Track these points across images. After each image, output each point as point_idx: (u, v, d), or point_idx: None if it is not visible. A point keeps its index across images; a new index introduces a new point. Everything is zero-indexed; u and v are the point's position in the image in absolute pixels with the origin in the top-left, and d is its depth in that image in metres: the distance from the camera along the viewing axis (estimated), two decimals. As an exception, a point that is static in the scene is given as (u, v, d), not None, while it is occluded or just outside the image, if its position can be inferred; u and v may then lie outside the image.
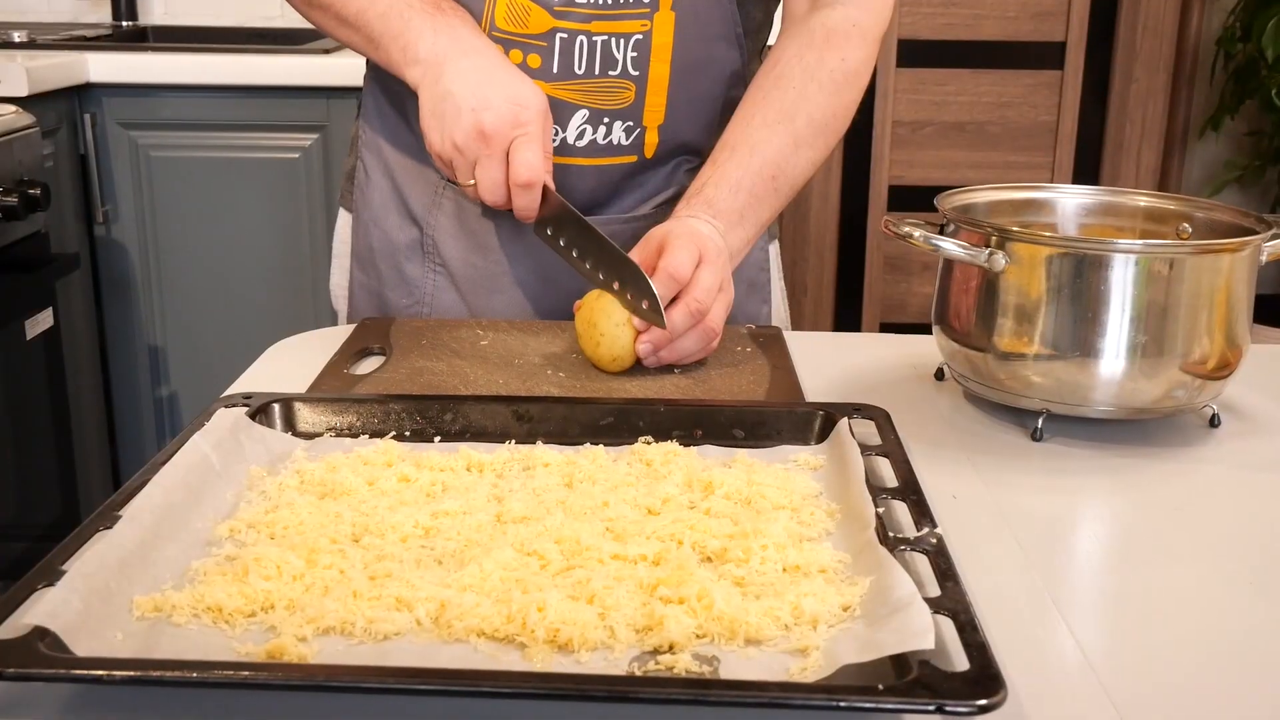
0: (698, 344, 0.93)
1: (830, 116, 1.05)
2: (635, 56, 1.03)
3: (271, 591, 0.59)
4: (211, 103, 2.14)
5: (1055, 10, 2.86)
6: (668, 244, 0.94)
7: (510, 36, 1.02)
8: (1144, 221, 0.96)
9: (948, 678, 0.50)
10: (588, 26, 1.02)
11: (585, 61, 1.02)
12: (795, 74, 1.03)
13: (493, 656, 0.55)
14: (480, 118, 0.93)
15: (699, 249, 0.93)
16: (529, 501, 0.70)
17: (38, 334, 1.94)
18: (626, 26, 1.02)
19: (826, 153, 1.06)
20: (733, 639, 0.56)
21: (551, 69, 1.03)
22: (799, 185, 1.05)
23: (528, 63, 1.03)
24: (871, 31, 1.07)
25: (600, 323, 0.92)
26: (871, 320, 3.03)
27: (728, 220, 0.99)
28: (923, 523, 0.65)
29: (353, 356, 0.96)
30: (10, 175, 1.82)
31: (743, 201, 1.00)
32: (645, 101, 1.05)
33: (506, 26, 1.02)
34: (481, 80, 0.95)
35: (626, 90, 1.04)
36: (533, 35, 1.02)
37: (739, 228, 1.00)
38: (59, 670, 0.51)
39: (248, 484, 0.72)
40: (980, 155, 2.95)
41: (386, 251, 1.14)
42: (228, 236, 2.20)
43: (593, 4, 1.01)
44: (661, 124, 1.06)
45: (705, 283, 0.91)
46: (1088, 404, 0.84)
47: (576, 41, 1.02)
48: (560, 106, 1.03)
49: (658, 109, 1.06)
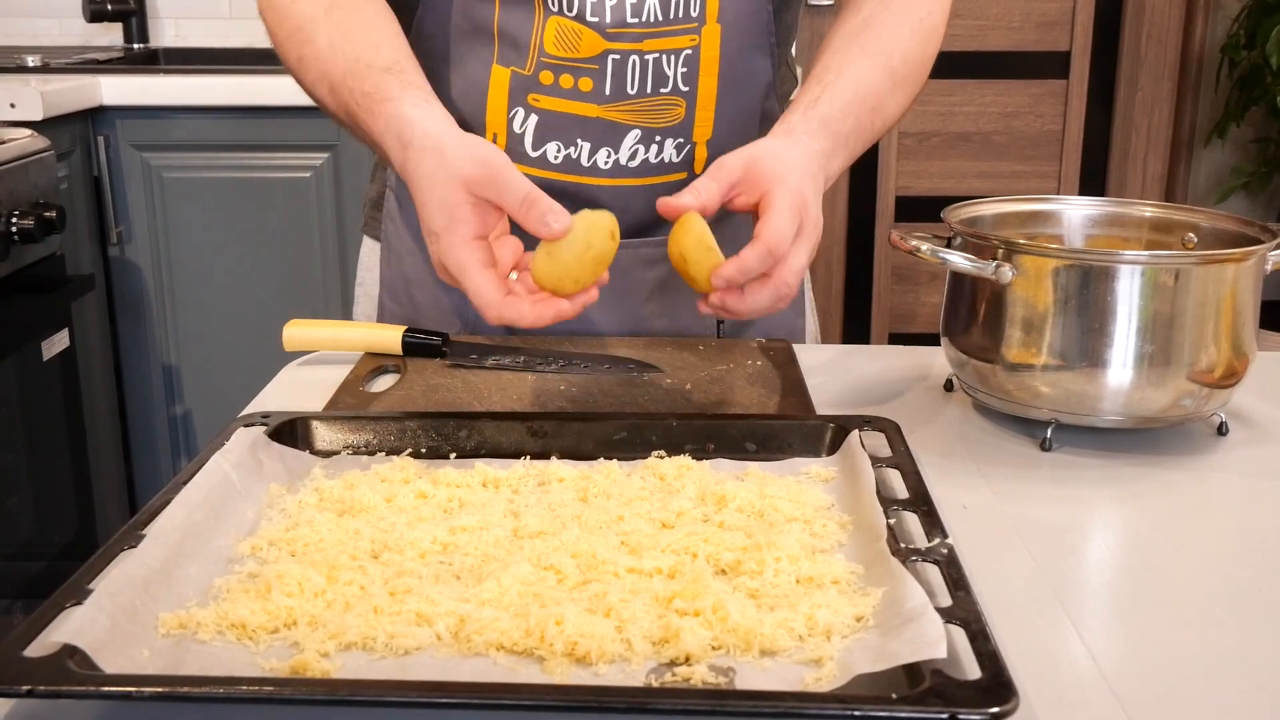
0: (769, 303, 0.86)
1: (918, 64, 1.04)
2: (685, 72, 1.03)
3: (294, 608, 0.60)
4: (223, 124, 2.16)
5: (1060, 20, 2.87)
6: (773, 196, 0.86)
7: (560, 61, 1.02)
8: (1150, 232, 0.97)
9: (960, 686, 0.51)
10: (640, 46, 1.01)
11: (637, 81, 1.02)
12: (884, 18, 1.03)
13: (512, 670, 0.56)
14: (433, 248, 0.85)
15: (799, 212, 0.86)
16: (545, 516, 0.71)
17: (54, 354, 1.96)
18: (677, 42, 1.02)
19: (910, 101, 1.04)
20: (748, 650, 0.57)
21: (604, 91, 1.02)
22: (888, 126, 1.03)
23: (579, 86, 1.02)
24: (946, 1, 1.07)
25: (683, 240, 0.85)
26: (880, 331, 3.04)
27: (834, 143, 0.94)
28: (934, 533, 0.66)
29: (367, 375, 0.98)
30: (26, 198, 1.84)
31: (849, 127, 0.96)
32: (695, 116, 1.05)
33: (556, 51, 1.01)
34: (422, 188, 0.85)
35: (677, 107, 1.04)
36: (584, 59, 1.01)
37: (839, 155, 0.96)
38: (89, 687, 0.52)
39: (268, 502, 0.73)
40: (987, 165, 2.96)
41: (424, 281, 1.12)
42: (240, 256, 2.22)
43: (644, 22, 1.01)
44: (709, 139, 1.06)
45: (797, 264, 0.85)
46: (1096, 414, 0.85)
47: (629, 62, 1.01)
48: (613, 128, 1.03)
49: (706, 123, 1.06)
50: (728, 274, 0.83)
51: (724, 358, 1.02)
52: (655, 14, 1.01)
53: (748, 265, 0.83)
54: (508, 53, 1.02)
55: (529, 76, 1.03)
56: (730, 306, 0.85)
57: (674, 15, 1.01)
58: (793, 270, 0.85)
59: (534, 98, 1.03)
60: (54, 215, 1.85)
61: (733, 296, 0.85)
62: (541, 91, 1.03)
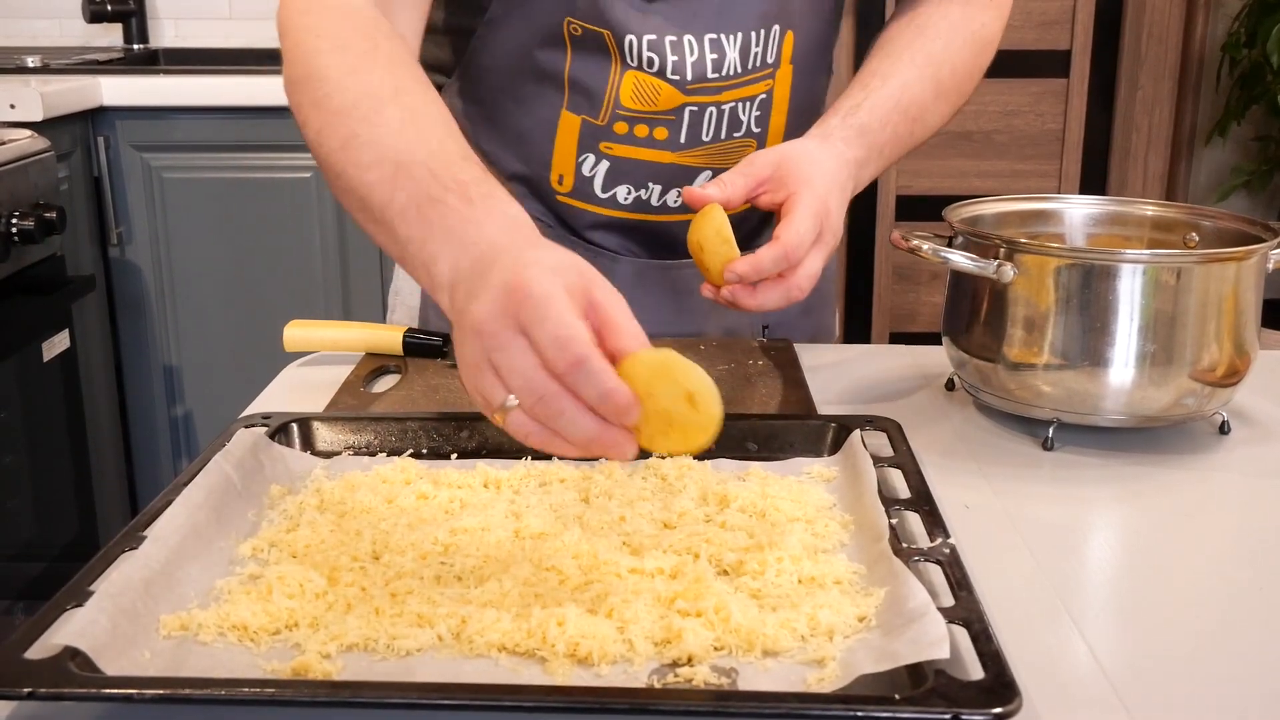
0: (777, 304, 0.86)
1: (966, 76, 1.03)
2: (759, 115, 1.03)
3: (295, 609, 0.60)
4: (223, 124, 2.16)
5: (1060, 19, 2.87)
6: (797, 199, 0.86)
7: (637, 114, 1.00)
8: (1151, 231, 0.96)
9: (963, 687, 0.51)
10: (718, 98, 1.01)
11: (712, 129, 1.01)
12: (941, 26, 1.02)
13: (514, 671, 0.56)
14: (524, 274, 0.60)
15: (821, 219, 0.86)
16: (546, 517, 0.70)
17: (55, 356, 1.96)
18: (753, 90, 1.01)
19: (953, 113, 1.04)
20: (750, 651, 0.57)
21: (679, 140, 1.02)
22: (928, 136, 1.02)
23: (654, 135, 1.01)
24: (1005, 6, 1.06)
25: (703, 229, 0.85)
26: (881, 330, 3.04)
27: (869, 152, 0.95)
28: (936, 533, 0.66)
29: (368, 375, 0.97)
30: (27, 199, 1.84)
31: (885, 138, 0.96)
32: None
33: (633, 105, 1.00)
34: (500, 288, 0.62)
35: (749, 148, 1.03)
36: (661, 111, 1.00)
37: (872, 164, 0.96)
38: (90, 690, 0.52)
39: (268, 503, 0.73)
40: (987, 164, 2.96)
41: None
42: (240, 256, 2.22)
43: (724, 76, 1.00)
44: None
45: (812, 269, 0.86)
46: (1098, 413, 0.85)
47: (706, 113, 1.01)
48: (685, 171, 1.03)
49: None
50: (741, 270, 0.84)
51: (725, 357, 1.02)
52: (735, 68, 1.00)
53: (762, 265, 0.83)
54: (579, 101, 1.00)
55: (602, 126, 1.01)
56: (740, 301, 0.86)
57: (752, 66, 1.01)
58: (807, 275, 0.85)
59: (606, 146, 1.02)
60: (54, 216, 1.85)
61: (743, 292, 0.85)
62: (615, 140, 1.02)
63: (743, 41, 0.99)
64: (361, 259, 2.23)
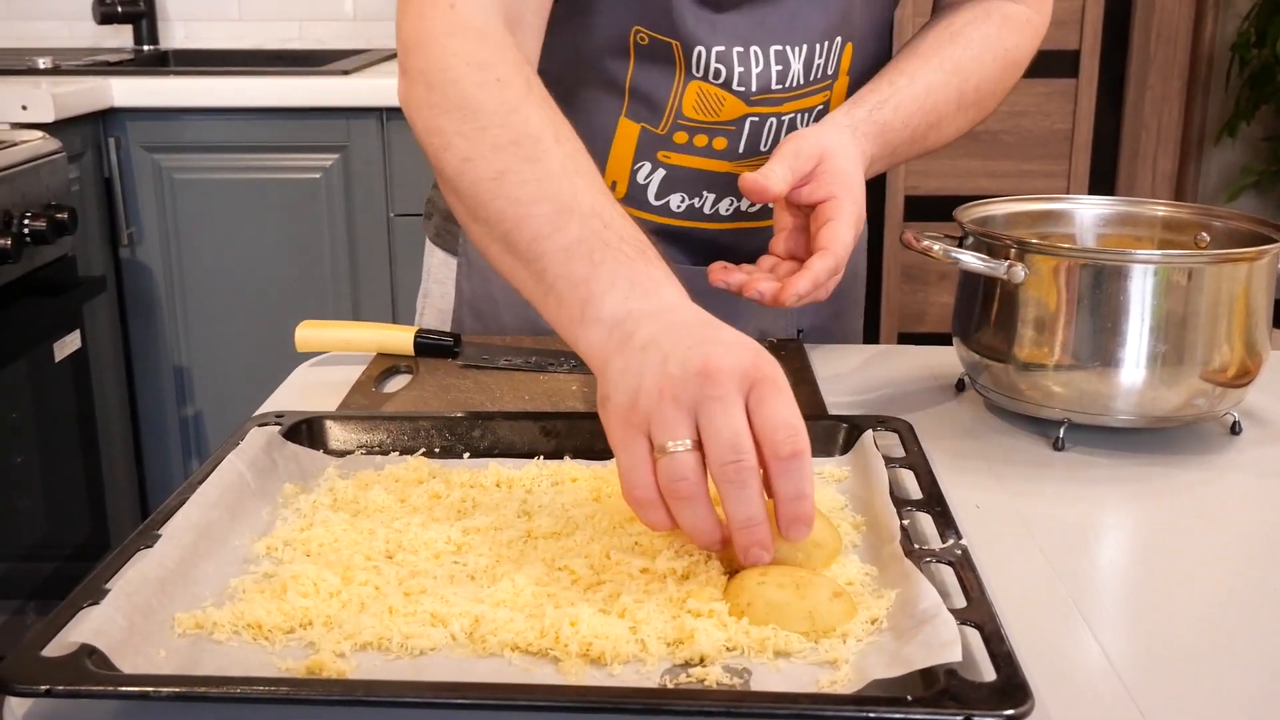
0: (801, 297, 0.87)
1: (990, 93, 1.03)
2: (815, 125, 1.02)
3: (309, 608, 0.60)
4: (233, 125, 2.17)
5: (1069, 19, 2.87)
6: (840, 205, 0.88)
7: (698, 124, 1.00)
8: (1162, 231, 0.96)
9: (975, 688, 0.51)
10: (779, 109, 1.01)
11: (771, 139, 1.01)
12: (974, 39, 1.01)
13: (527, 670, 0.56)
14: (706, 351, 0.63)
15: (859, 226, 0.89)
16: (558, 517, 0.71)
17: (66, 356, 1.96)
18: (812, 101, 1.01)
19: (969, 127, 1.04)
20: (762, 651, 0.57)
21: (738, 149, 1.02)
22: (942, 144, 1.02)
23: (713, 145, 1.01)
24: (1040, 32, 1.06)
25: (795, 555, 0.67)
26: (890, 330, 3.04)
27: (882, 150, 0.95)
28: (947, 534, 0.66)
29: (380, 375, 0.98)
30: (38, 200, 1.85)
31: (903, 139, 0.97)
32: None
33: (695, 115, 1.00)
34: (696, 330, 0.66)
35: None
36: (723, 122, 1.00)
37: (881, 162, 0.96)
38: (107, 687, 0.52)
39: (282, 501, 0.74)
40: (996, 164, 2.96)
41: (513, 304, 1.07)
42: (251, 257, 2.23)
43: (787, 88, 1.00)
44: None
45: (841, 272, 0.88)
46: (1109, 413, 0.85)
47: (766, 123, 1.01)
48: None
49: None
50: (803, 290, 0.85)
51: (735, 358, 1.02)
52: (798, 79, 1.00)
53: (819, 277, 0.85)
54: (639, 109, 1.00)
55: (662, 136, 1.01)
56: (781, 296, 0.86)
57: (814, 78, 1.01)
58: (837, 278, 0.88)
59: (664, 155, 1.02)
60: (65, 217, 1.86)
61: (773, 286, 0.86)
62: (674, 150, 1.02)
63: (807, 53, 0.99)
64: (371, 260, 2.23)
